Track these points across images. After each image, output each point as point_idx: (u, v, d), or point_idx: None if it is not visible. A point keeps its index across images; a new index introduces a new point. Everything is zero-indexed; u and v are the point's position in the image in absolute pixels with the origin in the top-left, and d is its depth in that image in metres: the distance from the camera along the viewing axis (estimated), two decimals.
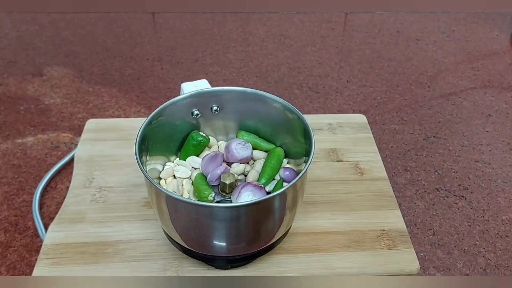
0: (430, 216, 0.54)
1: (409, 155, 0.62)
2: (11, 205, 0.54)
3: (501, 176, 0.60)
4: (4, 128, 0.64)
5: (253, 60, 0.81)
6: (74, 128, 0.65)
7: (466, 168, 0.61)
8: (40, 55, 0.80)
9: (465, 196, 0.57)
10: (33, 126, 0.65)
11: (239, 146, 0.46)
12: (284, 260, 0.45)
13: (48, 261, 0.44)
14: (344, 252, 0.46)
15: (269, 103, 0.46)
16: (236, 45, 0.84)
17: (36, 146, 0.62)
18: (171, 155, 0.48)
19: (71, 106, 0.69)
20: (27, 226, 0.51)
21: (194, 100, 0.46)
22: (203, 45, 0.84)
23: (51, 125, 0.65)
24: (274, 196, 0.37)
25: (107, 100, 0.70)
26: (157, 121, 0.44)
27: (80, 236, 0.47)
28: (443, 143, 0.65)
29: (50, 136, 0.63)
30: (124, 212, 0.49)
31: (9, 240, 0.50)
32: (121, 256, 0.45)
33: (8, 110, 0.68)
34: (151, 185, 0.38)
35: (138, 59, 0.80)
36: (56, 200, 0.54)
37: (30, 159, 0.60)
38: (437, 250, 0.50)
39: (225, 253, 0.41)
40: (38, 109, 0.68)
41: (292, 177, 0.45)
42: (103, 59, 0.80)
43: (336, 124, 0.61)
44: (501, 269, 0.49)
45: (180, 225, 0.40)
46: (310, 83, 0.74)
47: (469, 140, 0.65)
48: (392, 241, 0.47)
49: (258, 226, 0.39)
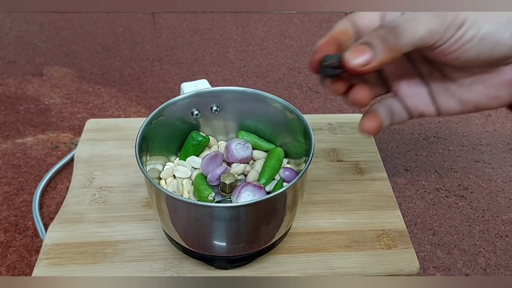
0: (430, 216, 0.54)
1: (409, 155, 0.62)
2: (11, 205, 0.54)
3: (501, 176, 0.60)
4: (4, 128, 0.64)
5: (253, 60, 0.81)
6: (74, 128, 0.65)
7: (466, 168, 0.61)
8: (40, 55, 0.80)
9: (465, 196, 0.57)
10: (33, 126, 0.65)
11: (239, 146, 0.46)
12: (284, 260, 0.46)
13: (48, 261, 0.44)
14: (344, 252, 0.46)
15: (269, 103, 0.46)
16: (236, 45, 0.84)
17: (36, 146, 0.62)
18: (171, 155, 0.48)
19: (71, 106, 0.69)
20: (27, 226, 0.51)
21: (194, 100, 0.46)
22: (203, 45, 0.84)
23: (51, 125, 0.65)
24: (274, 196, 0.37)
25: (107, 100, 0.70)
26: (157, 121, 0.44)
27: (80, 236, 0.47)
28: (443, 143, 0.65)
29: (50, 136, 0.63)
30: (124, 212, 0.49)
31: (9, 240, 0.50)
32: (121, 256, 0.45)
33: (8, 110, 0.68)
34: (151, 185, 0.38)
35: (138, 59, 0.80)
36: (56, 200, 0.54)
37: (30, 159, 0.60)
38: (437, 250, 0.50)
39: (225, 253, 0.41)
40: (38, 109, 0.68)
41: (292, 177, 0.45)
42: (103, 59, 0.80)
43: (336, 124, 0.62)
44: (501, 269, 0.49)
45: (180, 225, 0.40)
46: (310, 83, 0.74)
47: (469, 140, 0.65)
48: (392, 241, 0.47)
49: (258, 226, 0.39)
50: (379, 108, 0.40)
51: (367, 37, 0.33)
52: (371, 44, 0.33)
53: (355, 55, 0.33)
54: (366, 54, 0.33)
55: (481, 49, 0.33)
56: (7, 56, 0.79)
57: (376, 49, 0.32)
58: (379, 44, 0.32)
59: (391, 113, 0.40)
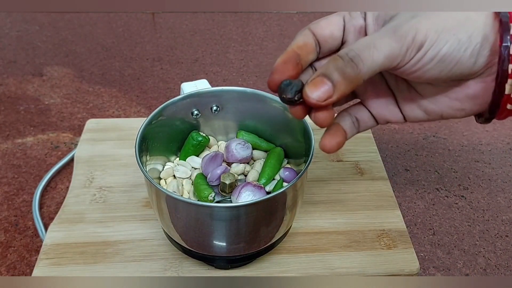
0: (430, 216, 0.54)
1: (409, 155, 0.62)
2: (11, 205, 0.54)
3: (501, 176, 0.60)
4: (4, 128, 0.64)
5: (253, 60, 0.81)
6: (74, 128, 0.65)
7: (466, 168, 0.61)
8: (40, 55, 0.80)
9: (465, 196, 0.57)
10: (33, 126, 0.65)
11: (239, 146, 0.46)
12: (284, 260, 0.46)
13: (48, 261, 0.44)
14: (344, 252, 0.46)
15: (269, 103, 0.46)
16: (236, 45, 0.84)
17: (36, 146, 0.62)
18: (171, 155, 0.48)
19: (71, 106, 0.69)
20: (27, 226, 0.51)
21: (194, 100, 0.46)
22: (203, 45, 0.84)
23: (51, 125, 0.65)
24: (274, 196, 0.37)
25: (107, 100, 0.70)
26: (157, 121, 0.44)
27: (80, 236, 0.47)
28: (443, 143, 0.65)
29: (50, 136, 0.63)
30: (124, 212, 0.49)
31: (9, 240, 0.50)
32: (121, 256, 0.45)
33: (8, 110, 0.68)
34: (151, 185, 0.38)
35: (138, 59, 0.80)
36: (56, 200, 0.54)
37: (30, 159, 0.60)
38: (437, 250, 0.50)
39: (225, 253, 0.41)
40: (38, 109, 0.68)
41: (292, 177, 0.45)
42: (103, 59, 0.80)
43: None
44: (501, 269, 0.49)
45: (180, 225, 0.40)
46: None
47: (469, 140, 0.65)
48: (392, 241, 0.47)
49: (258, 226, 0.39)
50: (342, 121, 0.39)
51: (326, 70, 0.32)
52: (330, 78, 0.32)
53: (315, 90, 0.32)
54: (327, 89, 0.32)
55: (442, 68, 0.33)
56: (7, 56, 0.79)
57: (336, 83, 0.32)
58: (338, 77, 0.32)
59: (357, 122, 0.40)
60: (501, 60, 0.32)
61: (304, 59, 0.36)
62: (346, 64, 0.32)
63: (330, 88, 0.32)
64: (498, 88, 0.33)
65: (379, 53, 0.32)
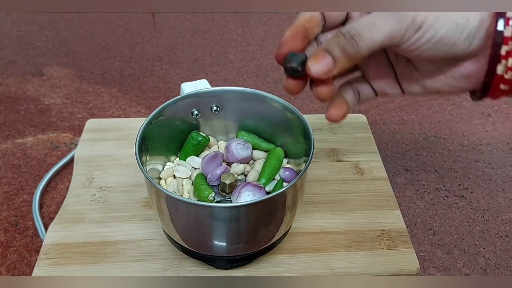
0: (430, 216, 0.54)
1: (409, 155, 0.62)
2: (11, 205, 0.54)
3: (501, 176, 0.60)
4: (4, 128, 0.64)
5: (253, 60, 0.81)
6: (74, 128, 0.65)
7: (466, 168, 0.61)
8: (40, 55, 0.80)
9: (465, 196, 0.57)
10: (33, 126, 0.65)
11: (239, 146, 0.46)
12: (284, 260, 0.46)
13: (48, 261, 0.44)
14: (344, 252, 0.46)
15: (269, 103, 0.46)
16: (236, 45, 0.84)
17: (36, 146, 0.62)
18: (171, 155, 0.48)
19: (71, 106, 0.69)
20: (27, 226, 0.51)
21: (194, 100, 0.46)
22: (203, 45, 0.84)
23: (51, 125, 0.65)
24: (274, 196, 0.37)
25: (107, 100, 0.70)
26: (157, 121, 0.44)
27: (80, 236, 0.47)
28: (443, 143, 0.65)
29: (50, 136, 0.63)
30: (124, 212, 0.49)
31: (9, 240, 0.50)
32: (121, 256, 0.45)
33: (8, 110, 0.68)
34: (151, 185, 0.38)
35: (138, 59, 0.80)
36: (56, 200, 0.54)
37: (30, 159, 0.60)
38: (437, 250, 0.50)
39: (225, 253, 0.41)
40: (38, 109, 0.68)
41: (292, 177, 0.45)
42: (103, 59, 0.80)
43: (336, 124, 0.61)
44: (501, 269, 0.49)
45: (180, 225, 0.40)
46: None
47: (469, 140, 0.65)
48: (392, 241, 0.47)
49: (258, 226, 0.39)
50: (345, 93, 0.42)
51: (328, 45, 0.35)
52: (331, 53, 0.35)
53: (317, 64, 0.35)
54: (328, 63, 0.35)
55: (439, 49, 0.35)
56: (7, 56, 0.79)
57: (336, 59, 0.35)
58: (339, 53, 0.35)
59: (358, 94, 0.43)
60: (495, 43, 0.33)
61: (311, 32, 0.38)
62: (347, 42, 0.34)
63: (331, 62, 0.35)
64: (490, 69, 0.35)
65: (379, 32, 0.34)
